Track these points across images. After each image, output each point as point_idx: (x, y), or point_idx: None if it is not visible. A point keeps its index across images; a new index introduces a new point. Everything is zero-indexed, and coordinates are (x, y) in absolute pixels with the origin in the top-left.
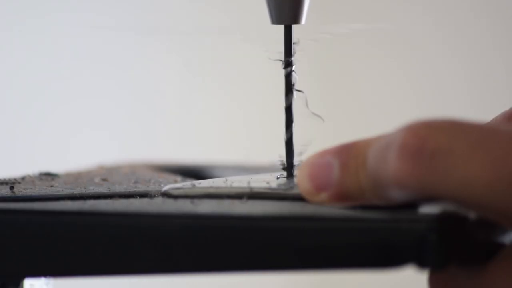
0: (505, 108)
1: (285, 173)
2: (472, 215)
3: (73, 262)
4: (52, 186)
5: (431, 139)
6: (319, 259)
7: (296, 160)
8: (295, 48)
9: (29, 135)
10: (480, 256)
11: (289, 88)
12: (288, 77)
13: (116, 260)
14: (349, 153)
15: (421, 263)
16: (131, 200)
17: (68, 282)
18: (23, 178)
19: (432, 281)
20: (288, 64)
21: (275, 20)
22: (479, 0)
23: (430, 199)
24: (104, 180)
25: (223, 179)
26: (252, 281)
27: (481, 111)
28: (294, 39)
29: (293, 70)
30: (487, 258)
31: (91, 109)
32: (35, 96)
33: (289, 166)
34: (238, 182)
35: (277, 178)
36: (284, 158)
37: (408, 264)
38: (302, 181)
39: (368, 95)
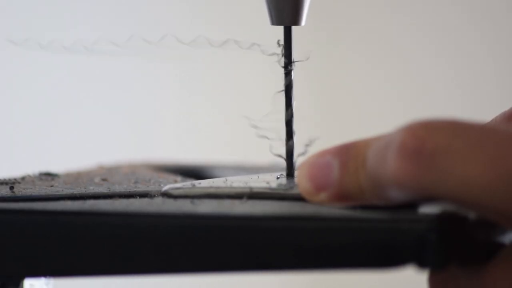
0: (505, 108)
1: (285, 173)
2: (472, 215)
3: (73, 262)
4: (52, 186)
5: (429, 139)
6: (319, 259)
7: (296, 147)
8: (294, 49)
9: (29, 135)
10: (480, 256)
11: (289, 87)
12: (287, 77)
13: (116, 260)
14: (348, 153)
15: (421, 263)
16: (131, 200)
17: (68, 282)
18: (23, 178)
19: (432, 281)
20: (287, 64)
21: (275, 21)
22: (477, 0)
23: (430, 199)
24: (104, 180)
25: (223, 179)
26: (252, 281)
27: (480, 111)
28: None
29: (292, 69)
30: (487, 258)
31: (91, 109)
32: (35, 96)
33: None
34: (238, 182)
35: (277, 178)
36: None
37: (408, 264)
38: (301, 181)
39: (368, 95)
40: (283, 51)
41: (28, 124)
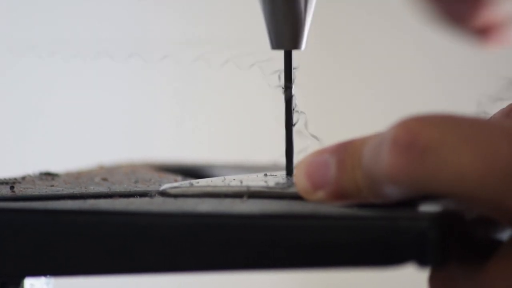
0: (503, 106)
1: (283, 172)
2: (470, 213)
3: (73, 261)
4: (52, 185)
5: (422, 133)
6: (318, 258)
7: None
8: (295, 73)
9: (29, 135)
10: (479, 254)
11: (289, 112)
12: (288, 101)
13: (116, 259)
14: (345, 151)
15: (421, 261)
16: (131, 200)
17: (68, 281)
18: (23, 178)
19: (432, 280)
20: (288, 88)
21: (275, 45)
22: None
23: (425, 195)
24: (104, 179)
25: (221, 178)
26: (252, 280)
27: (476, 108)
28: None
29: (293, 95)
30: (486, 255)
31: (91, 109)
32: (35, 95)
33: (288, 161)
34: (236, 181)
35: (275, 176)
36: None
37: (408, 262)
38: (299, 180)
39: (367, 94)
40: (282, 75)
41: (28, 124)
